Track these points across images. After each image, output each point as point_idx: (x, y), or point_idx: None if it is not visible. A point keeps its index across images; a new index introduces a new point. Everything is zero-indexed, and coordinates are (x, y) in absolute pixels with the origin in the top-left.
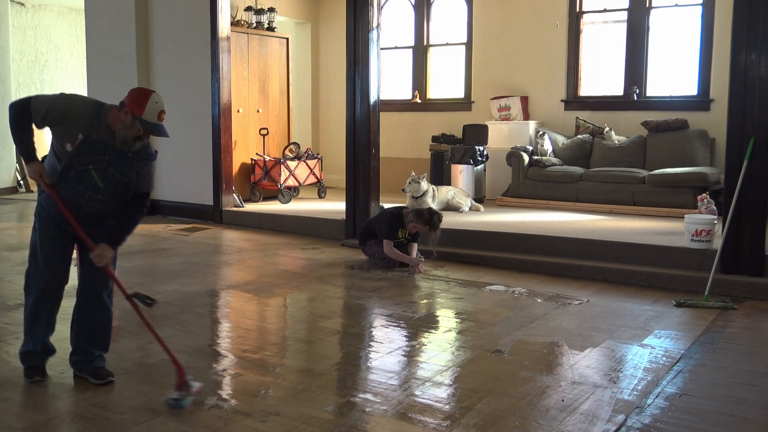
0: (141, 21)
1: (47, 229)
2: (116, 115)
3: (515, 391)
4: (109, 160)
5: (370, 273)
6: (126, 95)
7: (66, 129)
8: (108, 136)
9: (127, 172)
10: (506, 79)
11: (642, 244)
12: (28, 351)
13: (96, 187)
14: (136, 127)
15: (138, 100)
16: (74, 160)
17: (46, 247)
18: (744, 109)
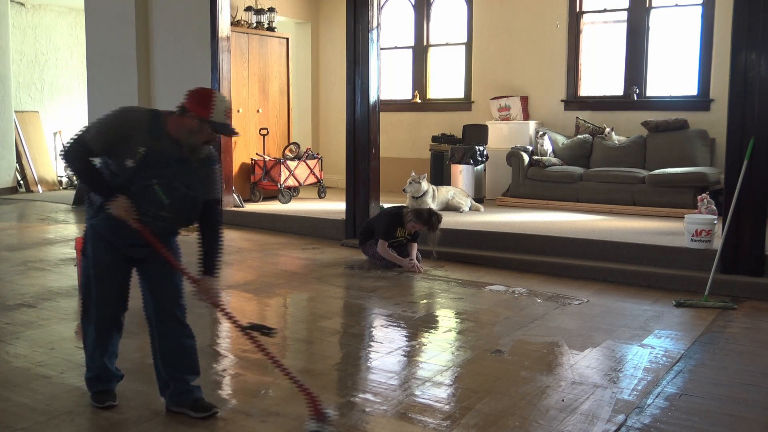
0: (141, 21)
1: (103, 257)
2: (179, 122)
3: (515, 391)
4: (173, 172)
5: (370, 273)
6: (185, 99)
7: (127, 146)
8: (170, 146)
9: (192, 185)
10: (506, 79)
11: (642, 244)
12: (94, 377)
13: (160, 203)
14: (205, 131)
15: (202, 101)
16: (136, 176)
17: (104, 276)
18: (744, 109)
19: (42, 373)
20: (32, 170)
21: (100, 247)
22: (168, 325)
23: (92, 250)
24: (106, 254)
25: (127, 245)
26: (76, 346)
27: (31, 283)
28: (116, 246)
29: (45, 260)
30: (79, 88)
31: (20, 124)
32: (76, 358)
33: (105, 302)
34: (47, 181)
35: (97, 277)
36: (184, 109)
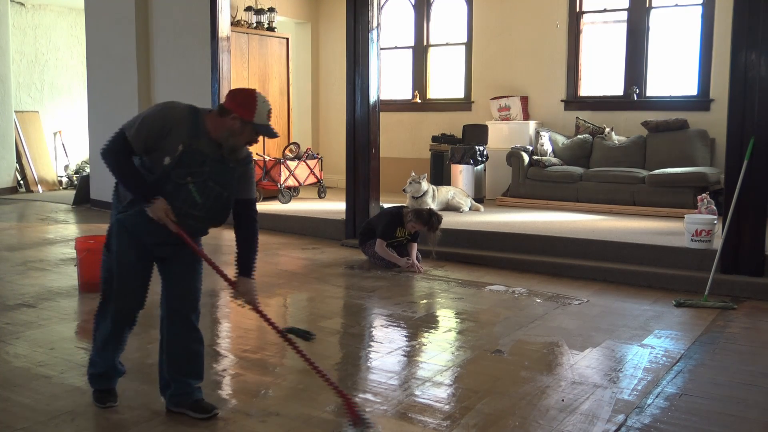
0: (141, 21)
1: (128, 252)
2: (220, 122)
3: (515, 391)
4: (209, 171)
5: (370, 273)
6: (226, 100)
7: (166, 143)
8: (208, 145)
9: (227, 185)
10: (506, 79)
11: (642, 244)
12: (97, 374)
13: (193, 202)
14: (247, 133)
15: (246, 103)
16: (172, 173)
17: (127, 271)
18: (744, 109)
19: (42, 373)
20: (32, 170)
21: (126, 242)
22: (179, 326)
23: (117, 245)
24: (131, 250)
25: (154, 243)
26: (77, 346)
27: (31, 283)
28: (142, 242)
29: (45, 260)
30: (79, 88)
31: (20, 124)
32: (76, 358)
33: (125, 298)
34: (47, 181)
35: (119, 273)
36: (225, 109)
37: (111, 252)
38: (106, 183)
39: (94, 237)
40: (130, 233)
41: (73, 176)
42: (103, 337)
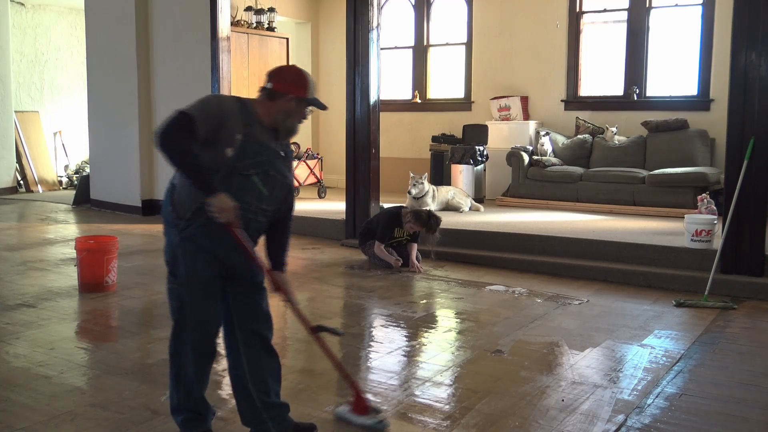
0: (141, 21)
1: (202, 273)
2: (274, 106)
3: (515, 391)
4: (267, 161)
5: (370, 273)
6: (273, 82)
7: (224, 134)
8: (263, 133)
9: (285, 172)
10: (506, 79)
11: (642, 244)
12: (193, 418)
13: (261, 195)
14: (301, 110)
15: (298, 81)
16: (236, 165)
17: (204, 294)
18: (744, 109)
19: (42, 373)
20: (32, 170)
21: (200, 260)
22: (261, 349)
23: (188, 267)
24: (206, 269)
25: (227, 254)
26: (77, 346)
27: (31, 283)
28: (216, 256)
29: (45, 260)
30: (79, 88)
31: (20, 124)
32: (76, 358)
33: (206, 325)
34: (47, 181)
35: (194, 298)
36: (276, 92)
37: (179, 276)
38: (106, 183)
39: (94, 237)
40: (201, 249)
41: (73, 176)
42: (189, 377)
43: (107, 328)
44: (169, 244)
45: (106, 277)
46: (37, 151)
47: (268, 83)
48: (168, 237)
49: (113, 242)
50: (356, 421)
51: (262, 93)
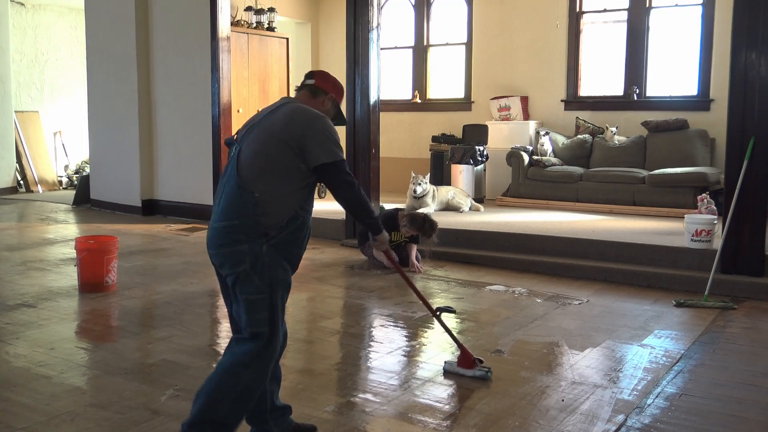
0: (141, 21)
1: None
2: (314, 103)
3: (515, 391)
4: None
5: (370, 273)
6: (317, 79)
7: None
8: None
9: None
10: (506, 79)
11: (642, 244)
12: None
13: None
14: (331, 115)
15: (338, 85)
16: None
17: (282, 302)
18: (744, 109)
19: (42, 373)
20: (32, 170)
21: (282, 268)
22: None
23: (272, 276)
24: (286, 277)
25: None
26: (77, 346)
27: (31, 283)
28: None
29: (45, 260)
30: (79, 88)
31: (20, 124)
32: (76, 358)
33: (279, 333)
34: (47, 181)
35: (276, 307)
36: (320, 89)
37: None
38: (106, 183)
39: (94, 237)
40: (284, 256)
41: (73, 176)
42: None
43: (107, 328)
44: (248, 254)
45: (106, 277)
46: (37, 151)
47: (309, 80)
48: (248, 246)
49: (113, 242)
50: (467, 373)
51: (303, 89)
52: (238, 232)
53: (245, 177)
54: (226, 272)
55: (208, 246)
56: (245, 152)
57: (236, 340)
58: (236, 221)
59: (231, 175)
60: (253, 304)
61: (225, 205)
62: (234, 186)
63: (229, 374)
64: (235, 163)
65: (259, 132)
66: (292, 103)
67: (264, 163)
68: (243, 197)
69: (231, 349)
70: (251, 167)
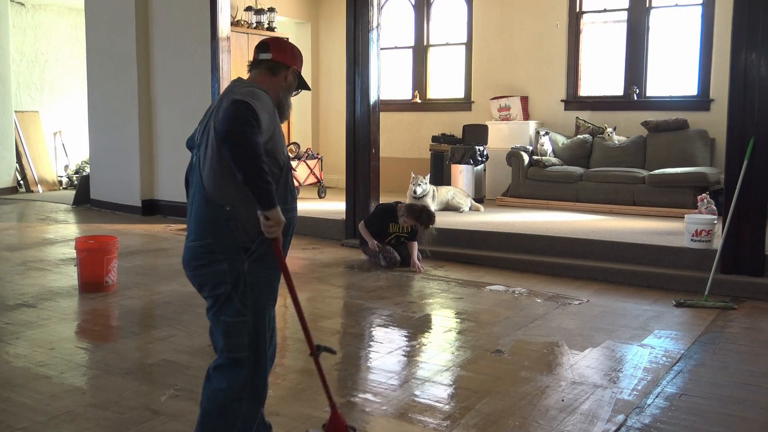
0: (141, 21)
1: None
2: (277, 81)
3: (515, 391)
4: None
5: (370, 273)
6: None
7: (274, 127)
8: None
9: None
10: (506, 79)
11: (642, 244)
12: None
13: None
14: (294, 87)
15: (296, 52)
16: (287, 163)
17: (266, 321)
18: (744, 109)
19: (42, 373)
20: (32, 170)
21: (267, 288)
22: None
23: (256, 297)
24: (271, 295)
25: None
26: (77, 346)
27: (31, 283)
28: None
29: (45, 260)
30: (79, 88)
31: (20, 124)
32: (76, 358)
33: (265, 354)
34: (47, 181)
35: (262, 328)
36: (280, 64)
37: (247, 306)
38: (106, 183)
39: (94, 237)
40: (270, 270)
41: (73, 176)
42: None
43: (107, 328)
44: (228, 274)
45: (106, 277)
46: (37, 151)
47: (265, 54)
48: (228, 265)
49: (113, 242)
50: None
51: (260, 67)
52: (214, 251)
53: (209, 187)
54: (206, 294)
55: (185, 266)
56: (203, 158)
57: (215, 369)
58: (210, 239)
59: (197, 186)
60: (232, 328)
61: (196, 222)
62: (200, 199)
63: (224, 414)
64: (198, 172)
65: (209, 131)
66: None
67: (220, 168)
68: (213, 212)
69: (212, 383)
70: (210, 175)
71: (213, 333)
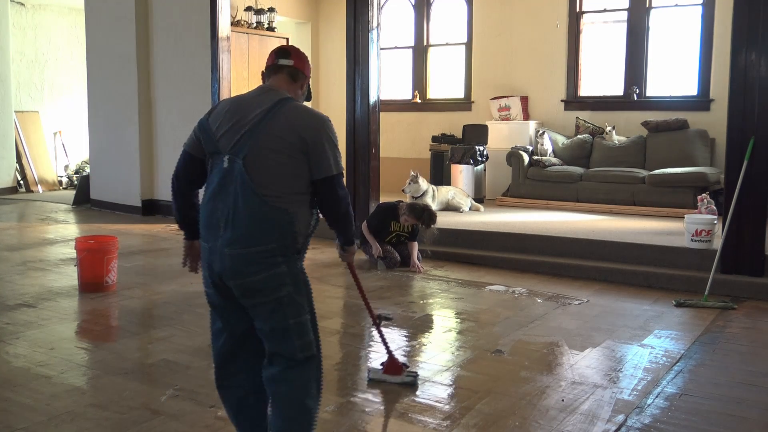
0: (141, 21)
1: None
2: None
3: (515, 391)
4: None
5: (370, 273)
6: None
7: None
8: None
9: None
10: (506, 79)
11: (642, 244)
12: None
13: None
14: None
15: (309, 63)
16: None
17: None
18: (744, 109)
19: (42, 373)
20: (32, 170)
21: (309, 285)
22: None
23: (309, 292)
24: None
25: None
26: (77, 346)
27: (31, 283)
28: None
29: (45, 260)
30: (79, 88)
31: (20, 124)
32: (76, 358)
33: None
34: (47, 181)
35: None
36: (297, 71)
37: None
38: (106, 183)
39: (94, 237)
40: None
41: (73, 176)
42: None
43: (107, 328)
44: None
45: (106, 277)
46: (37, 151)
47: (286, 60)
48: (286, 267)
49: (113, 242)
50: (393, 380)
51: (281, 72)
52: (275, 254)
53: (271, 194)
54: (261, 300)
55: (232, 275)
56: (255, 165)
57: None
58: (273, 244)
59: (248, 193)
60: (303, 327)
61: (252, 228)
62: (259, 205)
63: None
64: (246, 178)
65: (265, 139)
66: (286, 100)
67: (285, 176)
68: (275, 216)
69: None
70: (273, 182)
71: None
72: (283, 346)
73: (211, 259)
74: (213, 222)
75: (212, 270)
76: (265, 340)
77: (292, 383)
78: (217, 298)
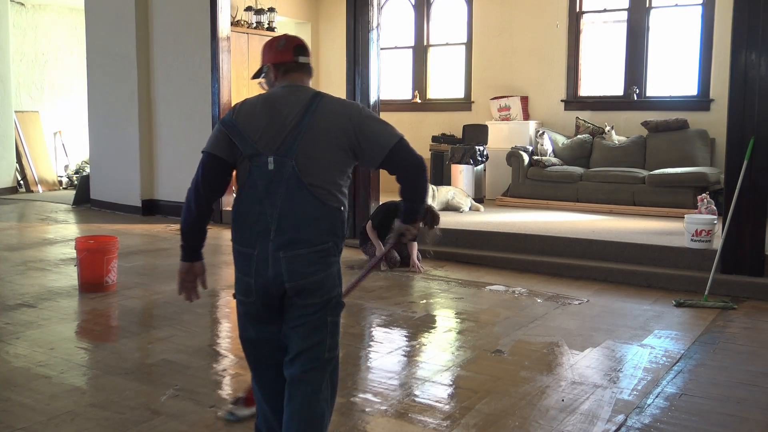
0: (141, 21)
1: None
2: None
3: (515, 391)
4: None
5: (370, 273)
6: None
7: None
8: None
9: None
10: (506, 79)
11: (642, 244)
12: None
13: None
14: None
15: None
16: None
17: None
18: (744, 109)
19: (42, 373)
20: (32, 170)
21: None
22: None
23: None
24: None
25: None
26: (77, 346)
27: (31, 283)
28: None
29: (45, 260)
30: (79, 88)
31: (20, 124)
32: (76, 358)
33: None
34: (47, 181)
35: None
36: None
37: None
38: (106, 183)
39: (94, 237)
40: None
41: (73, 176)
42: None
43: (107, 328)
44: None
45: (106, 277)
46: (37, 151)
47: (305, 57)
48: (337, 267)
49: (113, 242)
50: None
51: (304, 70)
52: (330, 254)
53: (324, 192)
54: (313, 300)
55: (289, 278)
56: (307, 164)
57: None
58: (329, 243)
59: (303, 194)
60: (336, 327)
61: (308, 228)
62: (314, 205)
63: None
64: (301, 179)
65: (313, 137)
66: (320, 95)
67: (333, 171)
68: (331, 215)
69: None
70: (325, 179)
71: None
72: (314, 344)
73: (260, 265)
74: (261, 227)
75: (261, 276)
76: (295, 337)
77: (310, 385)
78: (255, 307)
